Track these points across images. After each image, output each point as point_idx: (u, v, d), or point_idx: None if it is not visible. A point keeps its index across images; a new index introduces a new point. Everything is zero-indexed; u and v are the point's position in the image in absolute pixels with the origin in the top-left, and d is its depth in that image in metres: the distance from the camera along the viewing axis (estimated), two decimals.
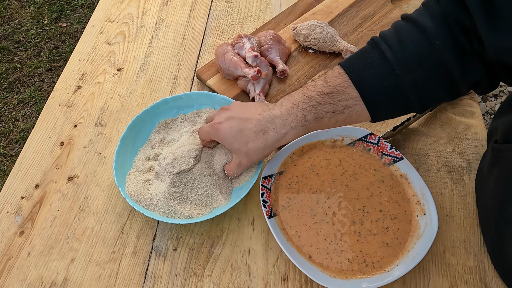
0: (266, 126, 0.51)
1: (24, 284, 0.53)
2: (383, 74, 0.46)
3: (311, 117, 0.49)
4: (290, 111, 0.50)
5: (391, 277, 0.49)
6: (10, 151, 1.61)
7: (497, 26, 0.37)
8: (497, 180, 0.52)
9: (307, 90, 0.50)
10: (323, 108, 0.49)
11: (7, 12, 2.13)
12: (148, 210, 0.55)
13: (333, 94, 0.48)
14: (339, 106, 0.48)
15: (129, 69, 0.77)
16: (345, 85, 0.48)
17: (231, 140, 0.52)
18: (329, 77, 0.49)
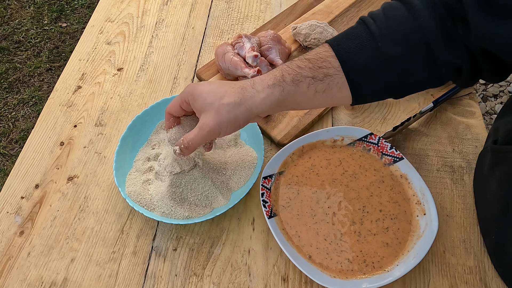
0: (245, 85, 0.48)
1: (24, 284, 0.53)
2: (366, 46, 0.45)
3: (289, 78, 0.46)
4: (269, 73, 0.48)
5: (391, 277, 0.49)
6: (10, 151, 1.61)
7: (489, 14, 0.37)
8: (500, 181, 0.51)
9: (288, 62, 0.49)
10: (303, 72, 0.46)
11: (7, 12, 2.13)
12: (148, 210, 0.55)
13: (314, 60, 0.46)
14: (319, 72, 0.46)
15: (129, 69, 0.77)
16: (327, 54, 0.46)
17: (206, 94, 0.47)
18: (311, 50, 0.48)
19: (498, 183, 0.52)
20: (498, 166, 0.52)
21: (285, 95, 0.47)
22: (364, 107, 0.70)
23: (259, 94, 0.47)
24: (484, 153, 0.58)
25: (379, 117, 0.68)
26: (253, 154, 0.61)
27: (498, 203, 0.52)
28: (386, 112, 0.69)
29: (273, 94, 0.47)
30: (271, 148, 0.65)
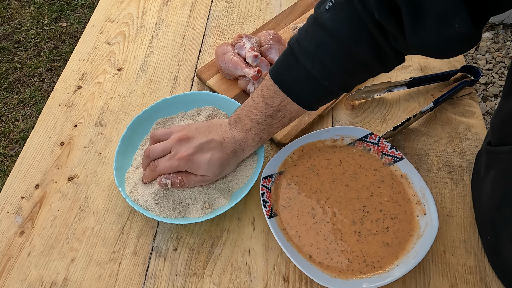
0: (234, 148, 0.55)
1: (24, 284, 0.53)
2: (315, 87, 0.50)
3: (265, 136, 0.56)
4: (247, 135, 0.55)
5: (391, 277, 0.49)
6: (10, 151, 1.61)
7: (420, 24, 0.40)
8: (493, 182, 0.52)
9: (252, 114, 0.54)
10: (273, 127, 0.55)
11: (7, 12, 2.13)
12: (148, 211, 0.55)
13: (276, 114, 0.53)
14: (285, 120, 0.55)
15: (129, 69, 0.77)
16: (285, 103, 0.52)
17: (205, 166, 0.53)
18: (267, 98, 0.53)
19: (491, 184, 0.52)
20: (492, 167, 0.52)
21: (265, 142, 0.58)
22: (364, 107, 0.70)
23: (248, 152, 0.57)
24: (481, 154, 0.58)
25: (379, 117, 0.68)
26: (253, 154, 0.61)
27: (492, 203, 0.52)
28: (386, 112, 0.69)
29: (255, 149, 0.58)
30: (271, 148, 0.65)
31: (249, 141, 0.55)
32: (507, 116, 0.50)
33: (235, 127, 0.56)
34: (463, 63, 0.75)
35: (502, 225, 0.50)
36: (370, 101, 0.71)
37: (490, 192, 0.52)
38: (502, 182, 0.50)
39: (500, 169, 0.51)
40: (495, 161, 0.52)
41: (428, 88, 0.72)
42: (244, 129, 0.55)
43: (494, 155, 0.52)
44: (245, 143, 0.55)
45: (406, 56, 0.79)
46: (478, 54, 1.91)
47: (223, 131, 0.56)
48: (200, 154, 0.53)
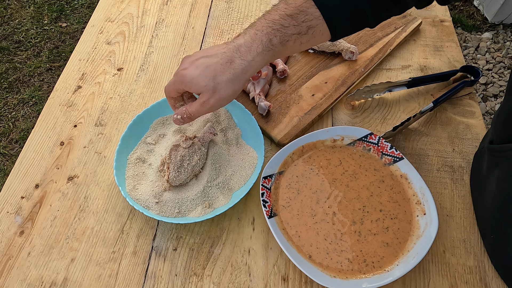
0: (232, 56, 0.49)
1: (24, 284, 0.53)
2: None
3: (277, 41, 0.48)
4: (254, 37, 0.49)
5: (391, 277, 0.49)
6: (10, 151, 1.61)
7: None
8: (499, 180, 0.51)
9: (269, 14, 0.49)
10: (288, 31, 0.48)
11: (7, 12, 2.13)
12: (148, 210, 0.55)
13: (296, 16, 0.48)
14: (303, 27, 0.48)
15: (129, 69, 0.77)
16: (307, 5, 0.48)
17: (197, 79, 0.48)
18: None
19: (496, 182, 0.52)
20: (497, 166, 0.52)
21: (275, 55, 0.50)
22: (364, 107, 0.70)
23: (251, 63, 0.49)
24: (481, 154, 0.58)
25: (379, 117, 0.68)
26: (253, 154, 0.61)
27: (496, 202, 0.51)
28: (386, 112, 0.69)
29: (264, 59, 0.49)
30: (271, 148, 0.65)
31: (254, 43, 0.48)
32: (508, 113, 0.50)
33: (243, 34, 0.50)
34: (463, 63, 0.75)
35: (508, 224, 0.49)
36: (370, 101, 0.71)
37: (495, 191, 0.52)
38: (509, 180, 0.50)
39: (507, 166, 0.50)
40: (501, 159, 0.52)
41: (428, 88, 0.72)
42: (254, 31, 0.49)
43: (499, 153, 0.52)
44: (247, 47, 0.49)
45: (406, 57, 0.79)
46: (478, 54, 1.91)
47: (225, 44, 0.50)
48: (192, 69, 0.50)
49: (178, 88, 0.51)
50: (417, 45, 0.79)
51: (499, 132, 0.53)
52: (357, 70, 0.73)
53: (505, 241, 0.50)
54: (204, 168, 0.58)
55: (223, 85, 0.49)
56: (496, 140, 0.53)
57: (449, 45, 0.79)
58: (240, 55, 0.49)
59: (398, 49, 0.78)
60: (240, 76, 0.49)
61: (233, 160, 0.60)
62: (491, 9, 1.98)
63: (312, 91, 0.70)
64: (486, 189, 0.54)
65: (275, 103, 0.68)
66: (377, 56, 0.75)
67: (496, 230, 0.52)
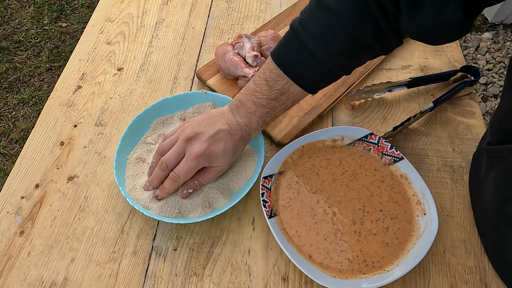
0: (242, 134, 0.55)
1: (24, 284, 0.53)
2: (318, 69, 0.51)
3: (269, 119, 0.56)
4: (250, 119, 0.55)
5: (391, 277, 0.49)
6: (10, 151, 1.61)
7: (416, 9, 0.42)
8: (496, 180, 0.52)
9: (256, 98, 0.54)
10: (276, 109, 0.55)
11: (7, 12, 2.13)
12: (148, 210, 0.55)
13: (280, 97, 0.53)
14: (288, 103, 0.55)
15: (129, 69, 0.77)
16: (288, 86, 0.52)
17: (223, 157, 0.54)
18: (271, 81, 0.53)
19: (493, 183, 0.52)
20: (494, 166, 0.52)
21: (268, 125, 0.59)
22: (364, 107, 0.70)
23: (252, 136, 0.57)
24: (479, 154, 0.58)
25: (379, 117, 0.68)
26: (253, 154, 0.61)
27: (494, 203, 0.52)
28: (386, 112, 0.69)
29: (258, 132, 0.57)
30: (271, 148, 0.65)
31: (253, 124, 0.55)
32: (507, 113, 0.50)
33: (237, 113, 0.55)
34: (463, 63, 0.75)
35: (506, 224, 0.50)
36: (370, 101, 0.71)
37: (493, 191, 0.52)
38: (506, 181, 0.50)
39: (503, 167, 0.51)
40: (497, 160, 0.52)
41: (428, 88, 0.72)
42: (247, 113, 0.55)
43: (495, 154, 0.52)
44: (250, 127, 0.55)
45: (406, 56, 0.79)
46: (478, 54, 1.91)
47: (227, 119, 0.55)
48: (214, 146, 0.53)
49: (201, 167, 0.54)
50: (417, 45, 0.79)
51: (495, 133, 0.53)
52: (357, 70, 0.73)
53: (503, 242, 0.50)
54: None
55: (237, 154, 0.57)
56: (493, 141, 0.54)
57: (449, 45, 0.79)
58: (245, 133, 0.56)
59: (398, 49, 0.78)
60: (246, 145, 0.58)
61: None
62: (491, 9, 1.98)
63: None
64: (484, 190, 0.54)
65: None
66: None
67: (494, 231, 0.52)
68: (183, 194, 0.55)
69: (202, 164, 0.53)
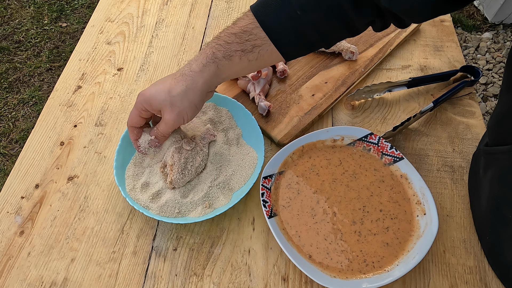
0: (183, 70, 0.52)
1: (24, 284, 0.53)
2: (287, 16, 0.48)
3: (220, 55, 0.51)
4: (201, 52, 0.52)
5: (391, 277, 0.49)
6: (10, 151, 1.61)
7: None
8: (491, 182, 0.52)
9: (218, 33, 0.52)
10: (231, 47, 0.50)
11: (7, 12, 2.13)
12: (148, 210, 0.55)
13: (240, 34, 0.50)
14: (247, 45, 0.50)
15: (129, 69, 0.77)
16: (252, 26, 0.50)
17: (155, 94, 0.51)
18: (238, 19, 0.51)
19: (490, 184, 0.52)
20: (490, 168, 0.53)
21: (221, 69, 0.52)
22: (364, 107, 0.70)
23: (198, 74, 0.51)
24: (478, 155, 0.58)
25: (379, 117, 0.68)
26: (253, 154, 0.61)
27: (490, 203, 0.52)
28: (386, 112, 0.69)
29: (210, 71, 0.51)
30: (271, 148, 0.65)
31: (201, 57, 0.51)
32: (502, 115, 0.51)
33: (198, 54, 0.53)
34: (463, 63, 0.75)
35: (501, 225, 0.50)
36: (370, 101, 0.71)
37: (489, 193, 0.52)
38: (500, 182, 0.50)
39: (497, 169, 0.51)
40: (493, 161, 0.52)
41: (428, 88, 0.72)
42: (202, 50, 0.52)
43: (491, 155, 0.53)
44: (196, 61, 0.51)
45: (406, 56, 0.79)
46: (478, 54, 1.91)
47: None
48: (151, 88, 0.52)
49: (140, 110, 0.53)
50: (417, 45, 0.79)
51: (492, 134, 0.53)
52: (357, 70, 0.73)
53: (499, 243, 0.51)
54: (205, 168, 0.58)
55: (179, 98, 0.51)
56: (490, 142, 0.54)
57: (449, 45, 0.79)
58: (189, 68, 0.51)
59: (398, 49, 0.78)
60: (192, 87, 0.51)
61: (233, 160, 0.60)
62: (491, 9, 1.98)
63: (312, 91, 0.70)
64: (482, 191, 0.55)
65: (275, 103, 0.68)
66: (377, 56, 0.75)
67: (491, 231, 0.52)
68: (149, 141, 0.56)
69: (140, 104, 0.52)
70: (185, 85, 0.51)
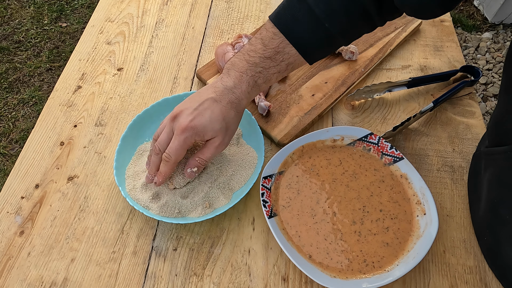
0: (229, 98, 0.52)
1: (24, 284, 0.53)
2: (315, 29, 0.50)
3: (261, 81, 0.53)
4: (241, 80, 0.52)
5: (391, 277, 0.49)
6: (10, 151, 1.61)
7: None
8: (489, 182, 0.52)
9: (249, 56, 0.52)
10: (270, 71, 0.53)
11: (7, 12, 2.13)
12: (148, 210, 0.55)
13: (274, 57, 0.52)
14: (282, 65, 0.53)
15: (129, 69, 0.77)
16: (283, 45, 0.51)
17: (211, 125, 0.51)
18: (266, 39, 0.52)
19: (487, 185, 0.52)
20: (488, 168, 0.53)
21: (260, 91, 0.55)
22: (364, 107, 0.70)
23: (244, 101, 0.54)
24: (478, 156, 0.59)
25: (379, 117, 0.68)
26: (253, 154, 0.61)
27: (488, 204, 0.52)
28: (386, 112, 0.69)
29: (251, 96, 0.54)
30: (271, 148, 0.65)
31: (243, 85, 0.52)
32: (500, 117, 0.51)
33: (227, 76, 0.53)
34: (463, 63, 0.75)
35: (499, 226, 0.50)
36: (370, 101, 0.71)
37: (487, 193, 0.52)
38: (498, 183, 0.50)
39: (495, 169, 0.51)
40: (490, 162, 0.52)
41: (428, 88, 0.72)
42: (238, 74, 0.52)
43: (489, 156, 0.53)
44: (239, 89, 0.52)
45: (406, 56, 0.79)
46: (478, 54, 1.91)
47: (213, 88, 0.53)
48: (200, 117, 0.50)
49: (191, 143, 0.51)
50: (417, 45, 0.79)
51: (491, 135, 0.54)
52: (357, 70, 0.73)
53: (498, 243, 0.51)
54: (205, 168, 0.58)
55: (232, 122, 0.53)
56: (489, 143, 0.54)
57: (449, 45, 0.79)
58: (235, 96, 0.52)
59: (398, 49, 0.78)
60: (240, 111, 0.54)
61: (233, 160, 0.60)
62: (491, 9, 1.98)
63: (312, 91, 0.70)
64: (480, 191, 0.55)
65: (275, 103, 0.68)
66: (377, 56, 0.75)
67: (489, 232, 0.52)
68: (188, 174, 0.54)
69: (191, 138, 0.51)
70: (235, 110, 0.53)
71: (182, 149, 0.51)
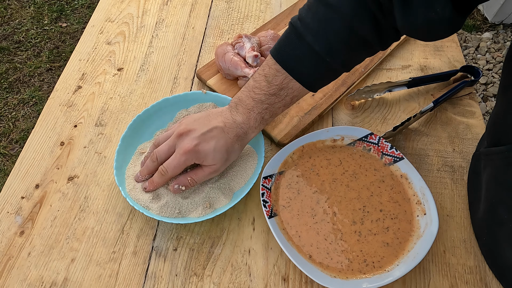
0: (237, 132, 0.54)
1: (24, 284, 0.53)
2: (316, 64, 0.51)
3: (267, 116, 0.55)
4: (249, 116, 0.54)
5: (391, 277, 0.49)
6: (10, 151, 1.61)
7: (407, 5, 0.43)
8: (487, 183, 0.52)
9: (255, 94, 0.54)
10: (275, 106, 0.54)
11: (7, 12, 2.13)
12: (148, 210, 0.55)
13: (279, 93, 0.53)
14: (287, 100, 0.54)
15: (129, 69, 0.77)
16: (287, 81, 0.52)
17: (214, 154, 0.53)
18: (270, 76, 0.53)
19: (486, 185, 0.52)
20: (486, 169, 0.53)
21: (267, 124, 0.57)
22: (364, 107, 0.70)
23: (250, 135, 0.56)
24: (478, 157, 0.59)
25: (379, 117, 0.68)
26: (253, 154, 0.61)
27: (486, 204, 0.52)
28: (386, 112, 0.69)
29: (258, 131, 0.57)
30: (271, 148, 0.65)
31: (251, 122, 0.54)
32: (498, 117, 0.51)
33: (235, 110, 0.55)
34: (463, 63, 0.75)
35: (497, 226, 0.50)
36: (370, 101, 0.71)
37: (485, 193, 0.52)
38: (495, 183, 0.51)
39: (493, 170, 0.51)
40: (488, 162, 0.53)
41: (428, 88, 0.72)
42: (245, 110, 0.54)
43: (487, 156, 0.53)
44: (247, 125, 0.54)
45: (406, 56, 0.79)
46: (478, 54, 1.91)
47: (223, 117, 0.55)
48: (205, 144, 0.52)
49: (189, 164, 0.54)
50: (417, 45, 0.79)
51: (489, 135, 0.54)
52: (357, 70, 0.73)
53: (496, 243, 0.51)
54: None
55: (233, 154, 0.55)
56: (488, 143, 0.54)
57: (449, 45, 0.79)
58: (242, 131, 0.54)
59: (398, 49, 0.78)
60: (244, 144, 0.56)
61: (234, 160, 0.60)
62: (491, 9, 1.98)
63: None
64: (479, 191, 0.55)
65: None
66: (377, 56, 0.75)
67: (487, 232, 0.52)
68: (174, 189, 0.55)
69: (191, 161, 0.53)
70: (240, 145, 0.55)
71: (180, 168, 0.53)
